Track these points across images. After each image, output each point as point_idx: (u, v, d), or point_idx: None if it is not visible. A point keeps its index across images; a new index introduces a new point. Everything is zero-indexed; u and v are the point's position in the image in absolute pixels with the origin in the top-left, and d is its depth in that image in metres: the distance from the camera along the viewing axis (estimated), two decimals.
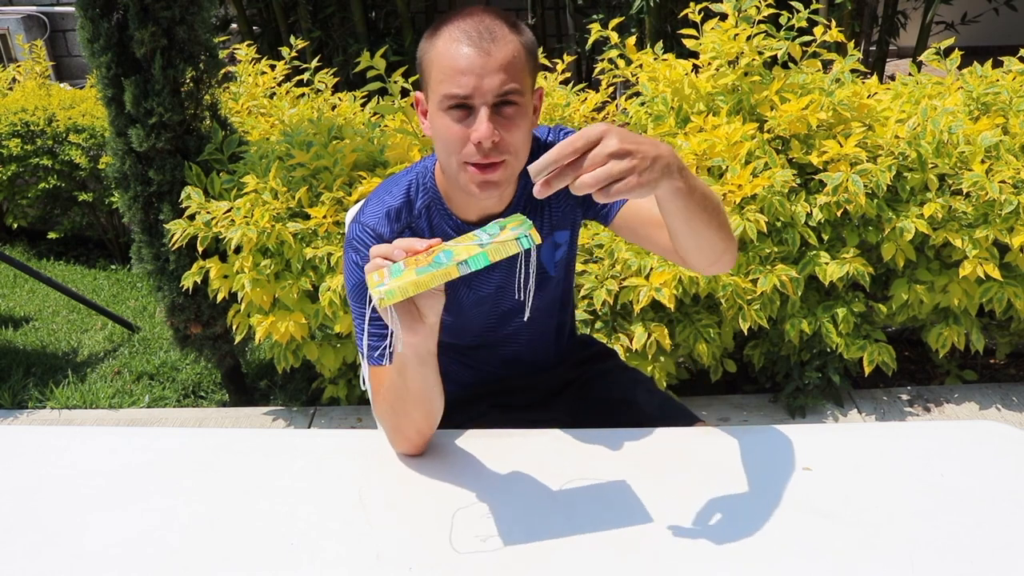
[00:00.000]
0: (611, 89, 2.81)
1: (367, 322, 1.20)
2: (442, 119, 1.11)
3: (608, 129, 0.92)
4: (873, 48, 4.21)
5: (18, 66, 4.27)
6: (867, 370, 2.30)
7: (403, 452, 1.24)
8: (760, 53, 2.35)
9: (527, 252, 1.01)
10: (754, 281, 2.20)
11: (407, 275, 0.98)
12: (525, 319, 1.22)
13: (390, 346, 1.08)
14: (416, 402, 1.15)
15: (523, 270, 1.24)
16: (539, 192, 0.93)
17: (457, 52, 1.08)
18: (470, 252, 0.99)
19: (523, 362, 1.45)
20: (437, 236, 1.27)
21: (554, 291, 1.40)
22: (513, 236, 1.00)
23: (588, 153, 0.92)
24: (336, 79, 2.95)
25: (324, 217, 2.22)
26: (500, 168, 1.12)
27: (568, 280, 1.44)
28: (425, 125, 1.18)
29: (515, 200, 1.27)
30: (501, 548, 1.05)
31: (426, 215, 1.26)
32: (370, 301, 1.01)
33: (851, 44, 2.59)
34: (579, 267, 2.24)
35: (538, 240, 0.99)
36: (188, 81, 2.33)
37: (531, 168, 0.94)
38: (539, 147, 1.27)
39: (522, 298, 1.36)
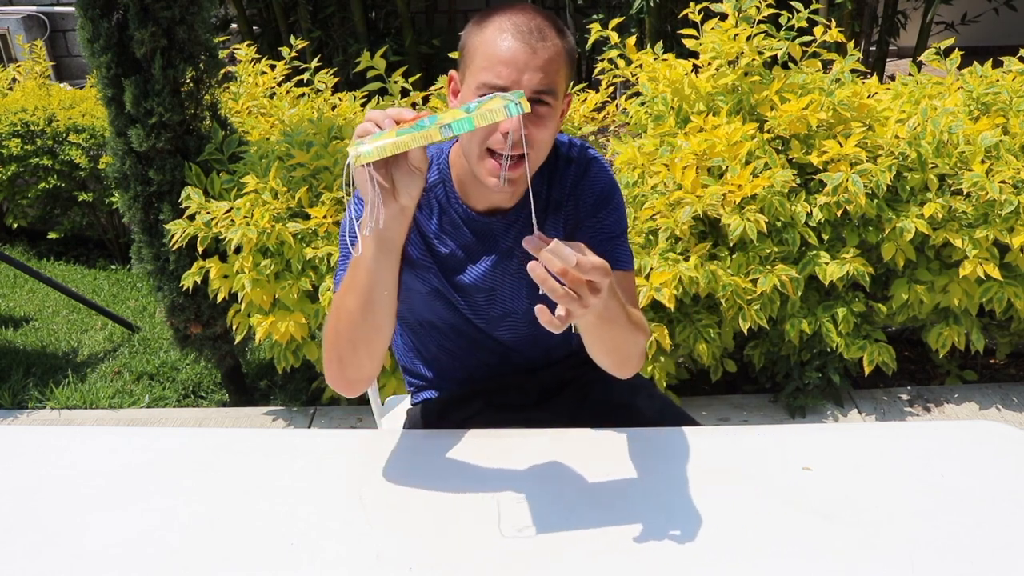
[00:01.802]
0: (611, 89, 2.81)
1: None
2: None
3: (609, 281, 0.99)
4: (873, 48, 4.22)
5: (18, 66, 4.27)
6: (867, 370, 2.29)
7: (333, 382, 1.21)
8: (760, 53, 2.35)
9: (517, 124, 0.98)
10: (754, 281, 2.20)
11: (387, 135, 0.95)
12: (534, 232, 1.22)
13: (371, 218, 1.04)
14: (364, 305, 1.12)
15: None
16: (528, 242, 0.96)
17: (504, 43, 1.11)
18: (455, 116, 0.96)
19: (514, 362, 1.45)
20: (446, 217, 1.28)
21: (548, 300, 1.38)
22: (500, 103, 0.96)
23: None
24: (336, 79, 2.95)
25: (324, 217, 2.22)
26: (519, 165, 1.14)
27: None
28: (454, 105, 1.21)
29: (524, 198, 1.28)
30: (501, 548, 1.05)
31: (435, 191, 1.28)
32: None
33: (851, 44, 2.60)
34: None
35: (527, 108, 0.96)
36: (188, 81, 2.33)
37: (553, 246, 0.94)
38: (557, 156, 1.28)
39: (514, 307, 1.35)
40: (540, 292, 0.97)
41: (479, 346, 1.41)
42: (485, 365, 1.44)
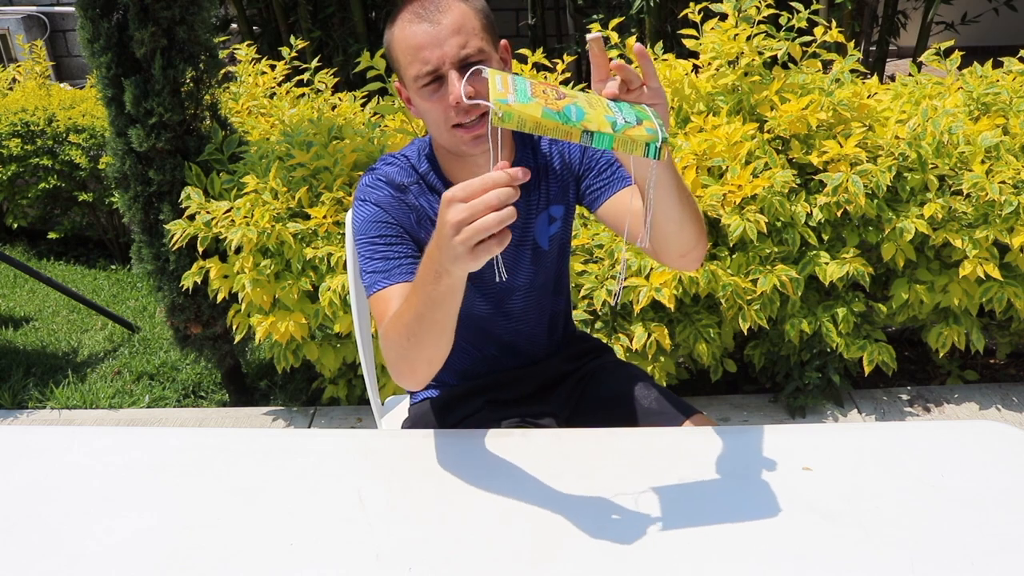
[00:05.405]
0: None
1: (372, 249, 1.24)
2: (422, 99, 1.19)
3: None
4: (873, 48, 4.21)
5: (18, 66, 4.27)
6: (867, 370, 2.30)
7: (403, 383, 1.21)
8: (760, 53, 2.35)
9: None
10: (754, 281, 2.20)
11: (533, 107, 0.89)
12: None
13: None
14: (439, 332, 1.11)
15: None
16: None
17: (412, 32, 1.16)
18: (600, 127, 0.90)
19: (516, 350, 1.46)
20: (434, 200, 1.30)
21: (547, 270, 1.42)
22: (644, 138, 0.91)
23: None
24: (336, 79, 2.95)
25: (324, 217, 2.22)
26: (484, 120, 1.18)
27: (560, 262, 1.45)
28: (413, 110, 1.26)
29: (514, 165, 1.30)
30: (501, 548, 1.05)
31: (428, 177, 1.32)
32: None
33: (851, 44, 2.59)
34: (579, 267, 2.24)
35: (663, 157, 0.92)
36: (188, 81, 2.33)
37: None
38: None
39: (505, 278, 1.37)
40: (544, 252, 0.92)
41: (483, 335, 1.43)
42: (485, 358, 1.45)
